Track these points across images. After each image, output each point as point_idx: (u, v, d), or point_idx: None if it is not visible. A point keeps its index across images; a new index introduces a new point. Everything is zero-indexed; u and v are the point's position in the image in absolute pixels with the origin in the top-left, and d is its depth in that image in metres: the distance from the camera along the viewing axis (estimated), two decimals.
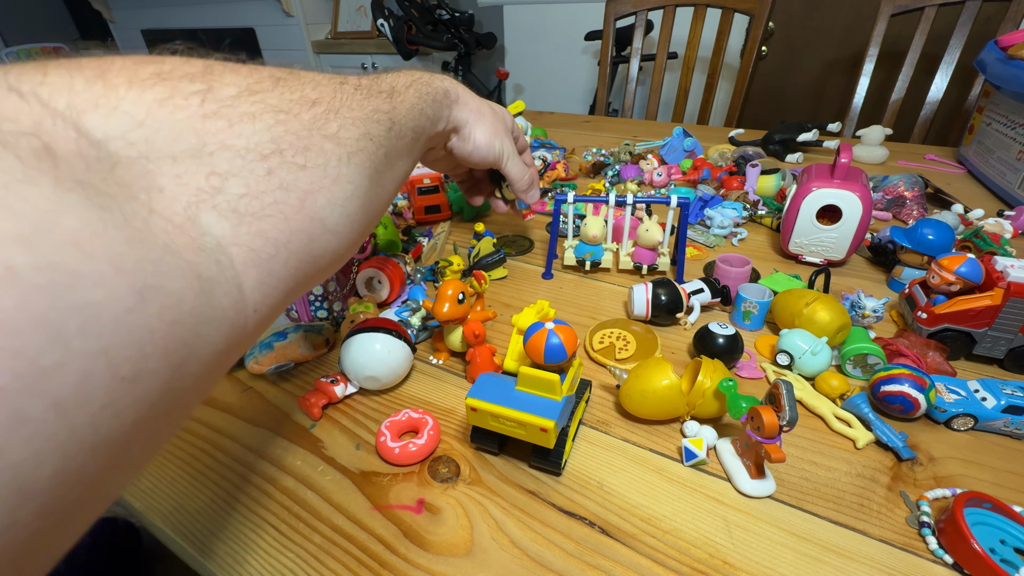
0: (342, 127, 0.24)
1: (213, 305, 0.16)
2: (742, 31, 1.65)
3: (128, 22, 3.34)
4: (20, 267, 0.11)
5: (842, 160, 0.52)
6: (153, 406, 0.14)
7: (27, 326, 0.11)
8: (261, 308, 0.19)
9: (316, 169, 0.22)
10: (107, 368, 0.12)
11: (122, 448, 0.13)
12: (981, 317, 0.40)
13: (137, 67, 0.17)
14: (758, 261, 0.59)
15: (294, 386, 0.42)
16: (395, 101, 0.30)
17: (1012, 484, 0.32)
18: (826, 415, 0.37)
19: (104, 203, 0.13)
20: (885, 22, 1.12)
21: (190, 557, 0.30)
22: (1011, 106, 0.73)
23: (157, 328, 0.14)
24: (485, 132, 0.45)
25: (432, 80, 0.38)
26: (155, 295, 0.14)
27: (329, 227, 0.22)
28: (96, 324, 0.12)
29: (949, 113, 1.17)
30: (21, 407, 0.10)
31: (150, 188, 0.16)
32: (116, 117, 0.16)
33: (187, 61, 0.19)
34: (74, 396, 0.11)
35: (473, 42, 2.25)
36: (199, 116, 0.18)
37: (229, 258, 0.17)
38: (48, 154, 0.13)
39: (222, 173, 0.18)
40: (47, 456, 0.11)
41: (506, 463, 0.35)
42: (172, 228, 0.15)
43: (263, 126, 0.20)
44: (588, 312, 0.51)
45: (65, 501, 0.12)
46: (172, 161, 0.17)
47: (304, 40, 2.73)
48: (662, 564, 0.28)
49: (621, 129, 1.17)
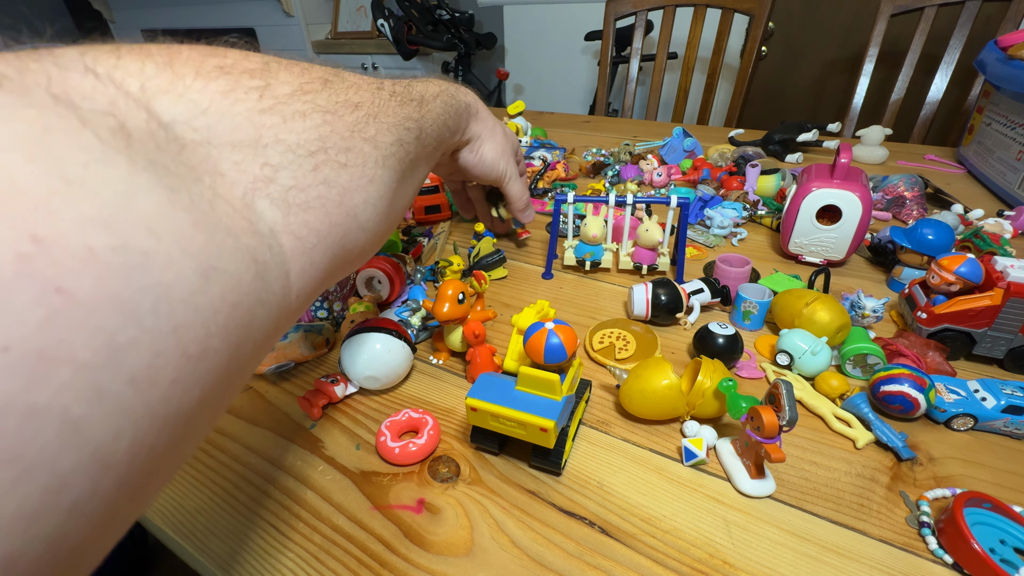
0: (379, 131, 0.25)
1: (267, 288, 0.17)
2: (742, 31, 1.65)
3: (128, 22, 3.34)
4: (99, 248, 0.11)
5: (842, 160, 0.52)
6: (215, 383, 0.15)
7: (105, 304, 0.11)
8: (302, 295, 0.20)
9: (355, 168, 0.23)
10: (176, 346, 0.13)
11: (188, 422, 0.14)
12: (981, 317, 0.40)
13: (203, 59, 0.18)
14: (758, 261, 0.59)
15: (294, 386, 0.42)
16: (424, 110, 0.32)
17: (1012, 484, 0.32)
18: (826, 415, 0.37)
19: (173, 184, 0.14)
20: (885, 22, 1.12)
21: (190, 556, 0.30)
22: (1011, 106, 0.73)
23: (220, 308, 0.14)
24: (494, 149, 0.48)
25: (457, 93, 0.41)
26: (218, 276, 0.14)
27: (361, 223, 0.23)
28: (167, 304, 0.12)
29: (949, 113, 1.17)
30: (101, 382, 0.11)
31: (213, 172, 0.16)
32: (183, 103, 0.17)
33: (247, 56, 0.20)
34: (147, 372, 0.12)
35: (473, 42, 2.25)
36: (257, 110, 0.19)
37: (279, 245, 0.18)
38: (123, 133, 0.13)
39: (274, 164, 0.19)
40: (125, 429, 0.12)
41: (506, 463, 0.35)
42: (232, 212, 0.16)
43: (312, 124, 0.21)
44: (588, 312, 0.51)
45: (140, 473, 0.12)
46: (232, 148, 0.17)
47: (304, 40, 2.73)
48: (662, 564, 0.28)
49: (621, 129, 1.17)
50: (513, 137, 0.52)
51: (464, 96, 0.42)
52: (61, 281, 0.10)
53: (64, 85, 0.13)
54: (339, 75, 0.25)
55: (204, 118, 0.17)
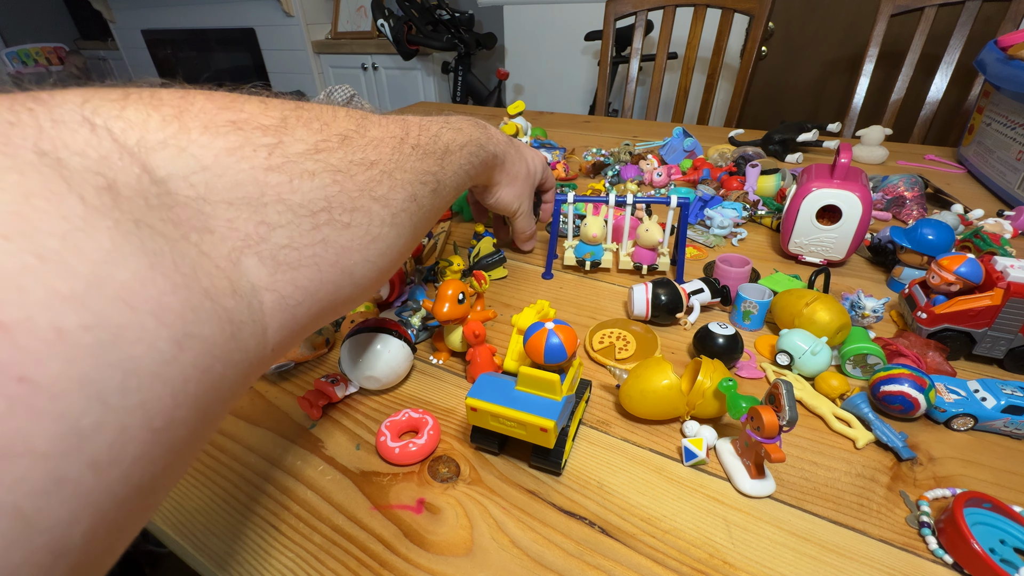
0: (392, 188, 0.25)
1: (240, 348, 0.16)
2: (742, 31, 1.65)
3: (128, 22, 3.34)
4: (69, 328, 0.11)
5: (842, 160, 0.52)
6: (180, 451, 0.14)
7: (70, 388, 0.10)
8: (278, 348, 0.20)
9: (359, 228, 0.22)
10: (143, 421, 0.12)
11: (150, 494, 0.13)
12: (981, 317, 0.40)
13: (217, 112, 0.18)
14: (758, 261, 0.59)
15: (294, 386, 0.42)
16: (445, 162, 0.31)
17: (1012, 484, 0.32)
18: (826, 415, 0.37)
19: (156, 246, 0.13)
20: (885, 22, 1.12)
21: (189, 556, 0.30)
22: (1011, 106, 0.73)
23: (191, 376, 0.14)
24: (511, 193, 0.49)
25: (488, 143, 0.40)
26: (192, 343, 0.14)
27: (356, 280, 0.23)
28: (135, 378, 0.12)
29: (949, 113, 1.17)
30: (60, 470, 0.10)
31: (202, 229, 0.16)
32: (183, 158, 0.16)
33: (265, 110, 0.20)
34: (109, 453, 0.11)
35: (473, 42, 2.25)
36: (263, 168, 0.18)
37: (260, 303, 0.18)
38: (111, 192, 0.13)
39: (271, 223, 0.18)
40: (82, 515, 0.11)
41: (506, 463, 0.35)
42: (214, 270, 0.16)
43: (319, 184, 0.20)
44: (588, 312, 0.51)
45: (95, 553, 0.12)
46: (227, 206, 0.17)
47: (304, 40, 2.73)
48: (662, 564, 0.28)
49: (621, 129, 1.17)
50: (536, 170, 0.53)
51: (494, 146, 0.41)
52: (24, 369, 0.10)
53: (55, 140, 0.13)
54: (362, 128, 0.24)
55: (203, 174, 0.16)
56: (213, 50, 3.14)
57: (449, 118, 0.35)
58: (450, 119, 0.35)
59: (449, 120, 0.35)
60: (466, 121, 0.38)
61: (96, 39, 3.66)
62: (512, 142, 0.47)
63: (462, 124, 0.36)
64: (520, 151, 0.49)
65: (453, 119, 0.36)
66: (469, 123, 0.38)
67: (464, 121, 0.37)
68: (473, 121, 0.39)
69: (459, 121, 0.36)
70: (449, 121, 0.35)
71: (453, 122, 0.35)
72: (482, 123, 0.41)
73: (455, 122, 0.35)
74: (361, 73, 2.69)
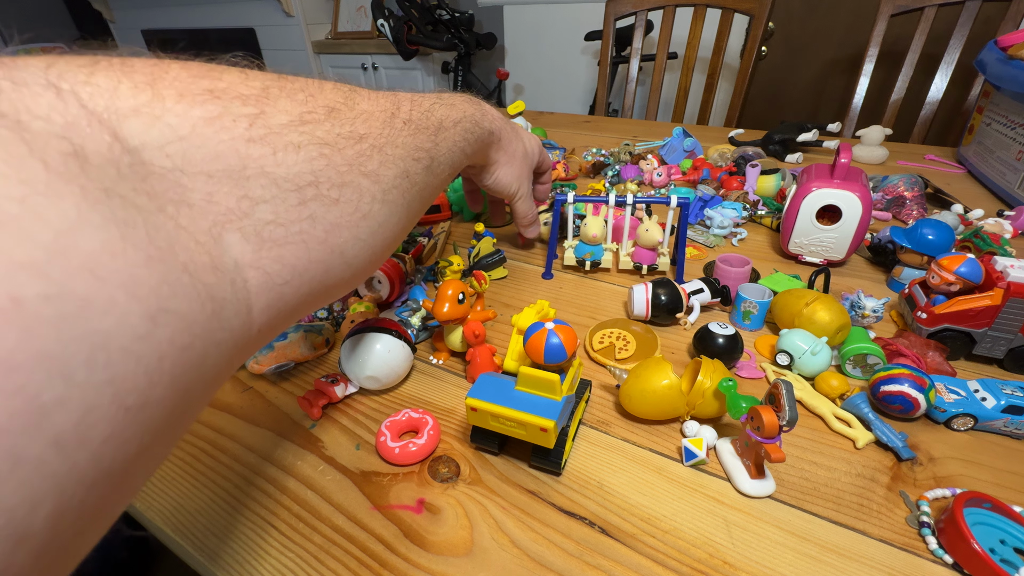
0: (383, 164, 0.24)
1: (223, 327, 0.16)
2: (742, 31, 1.65)
3: (128, 22, 3.34)
4: (27, 298, 0.10)
5: (842, 160, 0.52)
6: (157, 432, 0.14)
7: (28, 362, 0.10)
8: (265, 328, 0.19)
9: (348, 204, 0.21)
10: (112, 400, 0.12)
11: (123, 478, 0.13)
12: (981, 317, 0.40)
13: (193, 80, 0.17)
14: (758, 261, 0.59)
15: (294, 386, 0.42)
16: (439, 138, 0.30)
17: (1012, 484, 0.32)
18: (826, 415, 0.37)
19: (128, 217, 0.13)
20: (885, 22, 1.12)
21: (190, 556, 0.30)
22: (1011, 106, 0.73)
23: (167, 354, 0.13)
24: (509, 174, 0.47)
25: (482, 119, 0.38)
26: (168, 319, 0.13)
27: (347, 259, 0.22)
28: (104, 354, 0.11)
29: (949, 113, 1.17)
30: (18, 447, 0.10)
31: (179, 202, 0.15)
32: (157, 128, 0.15)
33: (245, 79, 0.19)
34: (75, 432, 0.11)
35: (473, 42, 2.26)
36: (244, 139, 0.18)
37: (244, 280, 0.17)
38: (78, 159, 0.12)
39: (254, 198, 0.18)
40: (44, 497, 0.10)
41: (506, 463, 0.35)
42: (194, 245, 0.15)
43: (305, 157, 0.20)
44: (588, 312, 0.51)
45: (63, 538, 0.11)
46: (207, 178, 0.16)
47: (304, 40, 2.73)
48: (662, 564, 0.28)
49: (621, 129, 1.17)
50: (534, 150, 0.51)
51: (489, 123, 0.40)
52: None
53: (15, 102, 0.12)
54: (350, 101, 0.23)
55: (179, 144, 0.16)
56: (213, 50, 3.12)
57: (442, 94, 0.34)
58: (443, 95, 0.34)
59: (442, 96, 0.33)
60: (460, 97, 0.36)
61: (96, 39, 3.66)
62: (508, 120, 0.46)
63: (455, 100, 0.35)
64: (516, 130, 0.47)
65: (446, 95, 0.34)
66: (463, 99, 0.36)
67: (458, 97, 0.36)
68: (467, 97, 0.38)
69: (452, 97, 0.35)
70: (442, 97, 0.33)
71: (446, 98, 0.34)
72: (476, 99, 0.39)
73: (448, 98, 0.34)
74: (361, 73, 2.69)
